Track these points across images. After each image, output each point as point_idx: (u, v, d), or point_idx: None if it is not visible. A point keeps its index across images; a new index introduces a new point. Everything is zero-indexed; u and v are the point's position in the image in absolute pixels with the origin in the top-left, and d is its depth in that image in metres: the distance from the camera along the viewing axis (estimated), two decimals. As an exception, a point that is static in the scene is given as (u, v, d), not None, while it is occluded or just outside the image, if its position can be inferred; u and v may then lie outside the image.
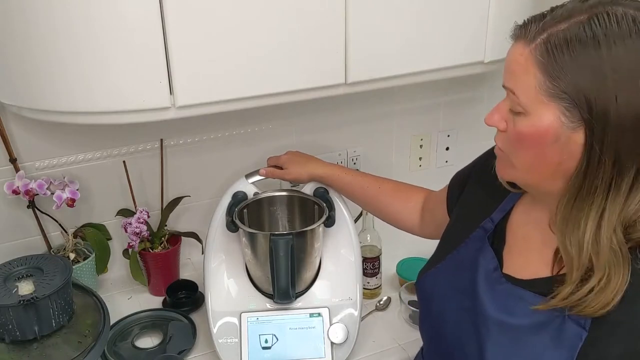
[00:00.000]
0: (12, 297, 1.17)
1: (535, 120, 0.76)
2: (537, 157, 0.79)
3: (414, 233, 1.30)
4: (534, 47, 0.75)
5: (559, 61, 0.73)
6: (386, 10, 1.23)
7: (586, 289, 0.76)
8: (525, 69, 0.76)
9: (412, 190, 1.30)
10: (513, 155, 0.82)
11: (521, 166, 0.82)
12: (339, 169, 1.34)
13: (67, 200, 1.38)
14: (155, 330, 1.40)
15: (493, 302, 0.89)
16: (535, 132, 0.77)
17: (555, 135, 0.76)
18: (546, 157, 0.78)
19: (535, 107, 0.76)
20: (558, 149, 0.76)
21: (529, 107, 0.77)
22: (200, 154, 1.55)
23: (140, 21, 1.07)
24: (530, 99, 0.76)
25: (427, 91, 1.70)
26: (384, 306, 1.48)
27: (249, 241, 1.27)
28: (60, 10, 1.05)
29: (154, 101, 1.14)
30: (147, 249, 1.48)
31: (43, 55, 1.10)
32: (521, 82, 0.77)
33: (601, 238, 0.75)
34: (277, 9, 1.15)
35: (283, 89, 1.22)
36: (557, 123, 0.75)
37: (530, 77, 0.75)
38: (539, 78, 0.75)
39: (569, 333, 0.79)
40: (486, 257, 0.94)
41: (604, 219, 0.75)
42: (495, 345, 0.87)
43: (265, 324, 1.28)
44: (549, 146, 0.77)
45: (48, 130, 1.39)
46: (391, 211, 1.30)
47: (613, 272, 0.75)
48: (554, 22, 0.75)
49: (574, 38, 0.72)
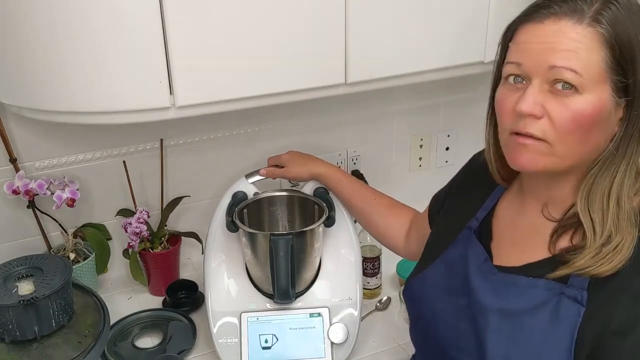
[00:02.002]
0: (12, 297, 1.17)
1: (593, 98, 0.77)
2: (584, 138, 0.79)
3: (396, 251, 1.31)
4: (598, 26, 0.76)
5: (622, 33, 0.75)
6: (386, 11, 1.23)
7: (605, 252, 0.78)
8: (588, 46, 0.76)
9: (404, 208, 1.30)
10: (558, 142, 0.79)
11: (564, 152, 0.80)
12: (340, 172, 1.34)
13: (67, 200, 1.38)
14: (155, 330, 1.40)
15: (488, 292, 0.89)
16: (593, 109, 0.77)
17: (608, 113, 0.78)
18: (591, 137, 0.80)
19: (596, 85, 0.77)
20: (603, 127, 0.79)
21: (589, 85, 0.76)
22: (200, 154, 1.55)
23: (140, 21, 1.07)
24: (593, 76, 0.76)
25: (427, 91, 1.70)
26: (384, 306, 1.48)
27: (249, 241, 1.27)
28: (60, 10, 1.05)
29: (154, 101, 1.14)
30: (147, 249, 1.48)
31: (42, 56, 1.10)
32: (583, 59, 0.76)
33: (623, 203, 0.79)
34: (278, 9, 1.15)
35: (283, 89, 1.22)
36: (610, 101, 0.77)
37: (593, 54, 0.76)
38: (603, 56, 0.76)
39: (567, 311, 0.81)
40: (475, 251, 0.95)
41: (624, 185, 0.79)
42: (495, 334, 0.86)
43: (265, 324, 1.28)
44: (598, 124, 0.78)
45: (48, 130, 1.39)
46: (381, 224, 1.30)
47: (626, 235, 0.78)
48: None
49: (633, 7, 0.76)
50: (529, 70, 0.79)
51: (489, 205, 0.99)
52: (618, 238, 0.78)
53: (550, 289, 0.83)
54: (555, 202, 0.88)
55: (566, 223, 0.86)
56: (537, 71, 0.78)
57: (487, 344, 0.86)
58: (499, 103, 0.86)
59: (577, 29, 0.76)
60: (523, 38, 0.81)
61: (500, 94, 0.86)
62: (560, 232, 0.86)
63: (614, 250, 0.78)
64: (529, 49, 0.79)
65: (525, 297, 0.85)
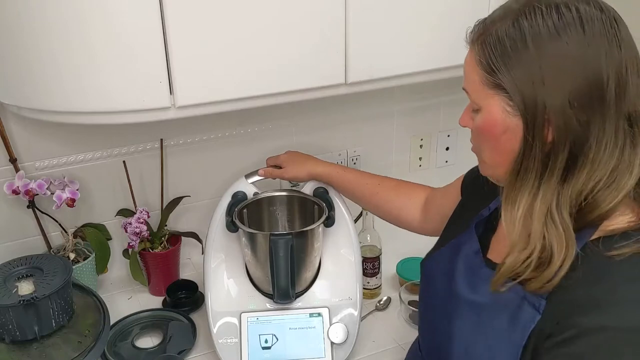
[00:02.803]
0: (12, 297, 1.17)
1: (485, 113, 0.82)
2: (496, 149, 0.83)
3: (413, 230, 1.30)
4: (475, 48, 0.81)
5: (493, 57, 0.78)
6: (386, 11, 1.23)
7: (519, 260, 0.80)
8: (472, 68, 0.82)
9: (413, 187, 1.30)
10: (480, 151, 0.87)
11: (488, 160, 0.86)
12: (338, 167, 1.35)
13: (67, 200, 1.38)
14: (155, 330, 1.40)
15: (465, 283, 0.94)
16: (487, 124, 0.82)
17: (504, 125, 0.80)
18: (501, 148, 0.82)
19: (484, 101, 0.81)
20: (509, 138, 0.80)
21: (479, 102, 0.82)
22: (200, 154, 1.55)
23: (140, 21, 1.07)
24: (478, 94, 0.82)
25: (427, 91, 1.70)
26: (384, 306, 1.48)
27: (249, 241, 1.27)
28: (59, 10, 1.05)
29: (154, 101, 1.14)
30: (147, 249, 1.48)
31: (42, 56, 1.10)
32: (470, 81, 0.83)
33: (534, 216, 0.79)
34: (278, 9, 1.15)
35: (283, 89, 1.22)
36: (503, 113, 0.79)
37: (475, 75, 0.81)
38: (480, 74, 0.80)
39: (525, 315, 0.82)
40: (470, 242, 0.98)
41: (538, 198, 0.79)
42: (462, 321, 0.93)
43: (265, 324, 1.28)
44: (501, 137, 0.81)
45: (48, 130, 1.39)
46: (392, 208, 1.30)
47: (555, 249, 0.77)
48: (491, 22, 0.80)
49: (504, 36, 0.78)
50: None
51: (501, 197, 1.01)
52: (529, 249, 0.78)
53: (515, 292, 0.83)
54: None
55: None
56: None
57: (454, 330, 0.93)
58: None
59: (470, 54, 0.83)
60: None
61: None
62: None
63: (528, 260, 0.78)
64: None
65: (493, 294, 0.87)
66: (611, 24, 0.75)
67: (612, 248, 0.76)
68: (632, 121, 0.77)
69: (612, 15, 0.77)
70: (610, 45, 0.75)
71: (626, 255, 0.75)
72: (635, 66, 0.76)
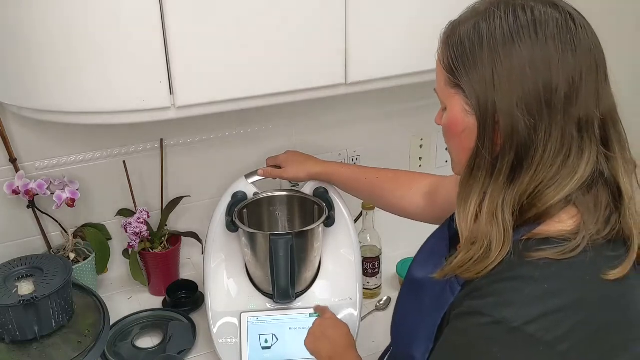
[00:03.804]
0: (12, 297, 1.17)
1: (449, 112, 0.84)
2: (458, 146, 0.85)
3: (417, 218, 1.29)
4: (440, 48, 0.84)
5: (454, 58, 0.80)
6: (386, 11, 1.23)
7: (469, 256, 0.80)
8: (439, 68, 0.84)
9: (413, 176, 1.31)
10: (449, 149, 0.90)
11: (454, 157, 0.89)
12: (337, 165, 1.35)
13: (67, 200, 1.38)
14: (155, 330, 1.40)
15: (418, 264, 0.99)
16: (449, 122, 0.84)
17: (463, 124, 0.81)
18: (461, 146, 0.84)
19: (448, 100, 0.83)
20: (469, 136, 0.81)
21: (444, 101, 0.84)
22: (200, 154, 1.55)
23: (140, 21, 1.07)
24: (443, 93, 0.84)
25: (427, 91, 1.69)
26: (384, 306, 1.48)
27: (249, 241, 1.27)
28: (59, 10, 1.05)
29: (154, 101, 1.14)
30: (147, 249, 1.48)
31: (42, 55, 1.10)
32: (437, 80, 0.85)
33: (482, 212, 0.80)
34: (278, 9, 1.15)
35: (283, 89, 1.22)
36: (462, 112, 0.81)
37: (440, 74, 0.84)
38: (443, 74, 0.82)
39: (443, 297, 0.85)
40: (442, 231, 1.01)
41: (487, 196, 0.80)
42: (401, 296, 1.00)
43: (265, 324, 1.28)
44: (460, 134, 0.83)
45: (48, 130, 1.39)
46: (393, 198, 1.30)
47: (494, 246, 0.78)
48: (457, 23, 0.83)
49: (465, 38, 0.79)
50: None
51: None
52: (477, 246, 0.79)
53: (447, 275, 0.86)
54: None
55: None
56: None
57: (398, 304, 1.01)
58: None
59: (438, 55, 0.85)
60: None
61: None
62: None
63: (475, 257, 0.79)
64: None
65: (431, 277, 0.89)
66: (568, 26, 0.75)
67: (530, 249, 0.77)
68: (582, 127, 0.76)
69: (572, 17, 0.76)
70: (564, 50, 0.74)
71: (538, 258, 0.76)
72: (594, 71, 0.76)
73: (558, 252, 0.75)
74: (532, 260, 0.76)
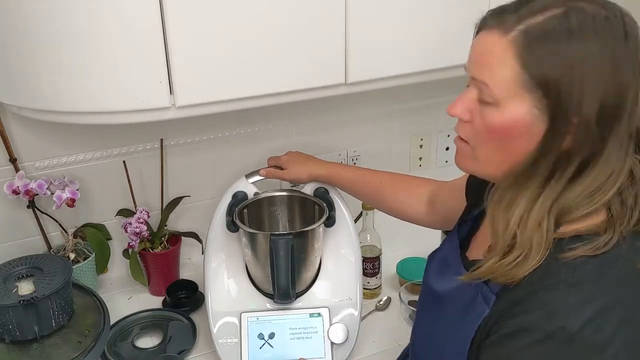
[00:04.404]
0: (12, 297, 1.17)
1: (507, 112, 0.76)
2: (503, 148, 0.80)
3: (419, 223, 1.30)
4: (511, 39, 0.75)
5: (536, 53, 0.73)
6: (386, 11, 1.23)
7: (506, 262, 0.78)
8: (501, 60, 0.75)
9: (414, 181, 1.31)
10: (478, 147, 0.83)
11: (484, 158, 0.83)
12: (339, 167, 1.35)
13: (67, 200, 1.38)
14: (155, 330, 1.40)
15: (436, 276, 0.98)
16: (506, 123, 0.77)
17: (525, 127, 0.76)
18: (511, 149, 0.79)
19: (510, 99, 0.76)
20: (525, 140, 0.77)
21: (502, 99, 0.76)
22: (200, 154, 1.55)
23: (140, 21, 1.07)
24: (505, 91, 0.76)
25: (427, 91, 1.70)
26: (384, 306, 1.48)
27: (249, 241, 1.27)
28: (59, 10, 1.05)
29: (154, 101, 1.14)
30: (147, 249, 1.48)
31: (42, 55, 1.10)
32: (496, 74, 0.76)
33: (530, 219, 0.77)
34: (278, 9, 1.15)
35: (283, 89, 1.22)
36: (529, 115, 0.75)
37: (506, 69, 0.75)
38: (515, 70, 0.74)
39: (477, 308, 0.83)
40: (451, 239, 1.00)
41: (537, 203, 0.78)
42: (423, 309, 1.00)
43: (266, 324, 1.28)
44: (517, 138, 0.78)
45: (48, 130, 1.39)
46: (394, 202, 1.30)
47: (534, 251, 0.77)
48: (531, 13, 0.75)
49: (550, 30, 0.73)
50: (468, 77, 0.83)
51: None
52: (516, 253, 0.78)
53: (475, 285, 0.84)
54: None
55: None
56: (470, 79, 0.82)
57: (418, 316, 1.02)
58: None
59: (498, 44, 0.76)
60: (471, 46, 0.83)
61: None
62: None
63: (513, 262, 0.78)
64: (468, 58, 0.82)
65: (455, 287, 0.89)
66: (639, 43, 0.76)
67: (564, 249, 0.76)
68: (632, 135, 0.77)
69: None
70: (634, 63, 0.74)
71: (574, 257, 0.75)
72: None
73: (591, 248, 0.75)
74: (568, 261, 0.75)
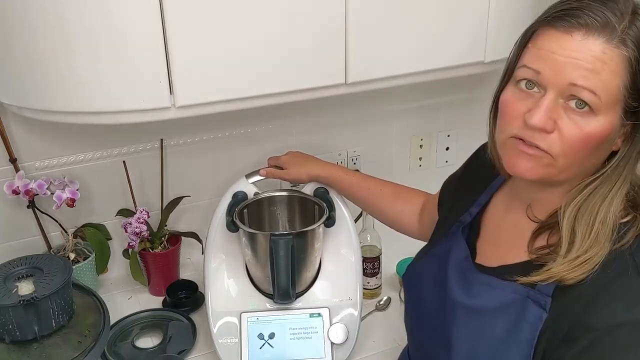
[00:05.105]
0: (12, 297, 1.17)
1: (603, 119, 0.75)
2: (591, 155, 0.78)
3: (412, 235, 1.31)
4: (625, 49, 0.72)
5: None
6: (386, 11, 1.23)
7: (578, 262, 0.78)
8: (612, 69, 0.72)
9: (413, 193, 1.31)
10: (562, 156, 0.78)
11: (566, 165, 0.79)
12: (339, 170, 1.35)
13: (67, 200, 1.38)
14: (155, 330, 1.40)
15: (461, 289, 0.92)
16: (603, 131, 0.75)
17: (615, 133, 0.78)
18: (597, 154, 0.79)
19: (610, 107, 0.74)
20: (607, 146, 0.79)
21: (604, 108, 0.74)
22: (200, 154, 1.55)
23: (140, 21, 1.07)
24: (611, 100, 0.73)
25: (427, 91, 1.70)
26: (384, 306, 1.48)
27: (249, 241, 1.27)
28: (59, 10, 1.05)
29: (153, 101, 1.14)
30: (147, 249, 1.48)
31: (42, 55, 1.10)
32: (605, 82, 0.73)
33: (608, 219, 0.79)
34: (278, 9, 1.15)
35: (283, 89, 1.22)
36: (619, 122, 0.76)
37: (616, 78, 0.73)
38: (624, 80, 0.73)
39: (531, 314, 0.81)
40: (458, 247, 0.97)
41: (614, 203, 0.79)
42: (461, 329, 0.89)
43: (266, 324, 1.27)
44: (604, 145, 0.78)
45: (48, 130, 1.39)
46: (392, 212, 1.31)
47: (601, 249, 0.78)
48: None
49: None
50: (547, 81, 0.76)
51: (482, 201, 1.00)
52: (593, 251, 0.78)
53: (518, 292, 0.83)
54: (540, 204, 0.88)
55: (548, 223, 0.86)
56: (555, 84, 0.75)
57: (453, 339, 0.89)
58: (505, 104, 0.82)
59: (605, 49, 0.72)
60: (547, 45, 0.76)
61: (508, 94, 0.82)
62: (540, 232, 0.87)
63: (585, 261, 0.78)
64: (552, 60, 0.75)
65: (493, 298, 0.86)
66: None
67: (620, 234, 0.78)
68: None
69: None
70: None
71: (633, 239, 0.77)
72: None
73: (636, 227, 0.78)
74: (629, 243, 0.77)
